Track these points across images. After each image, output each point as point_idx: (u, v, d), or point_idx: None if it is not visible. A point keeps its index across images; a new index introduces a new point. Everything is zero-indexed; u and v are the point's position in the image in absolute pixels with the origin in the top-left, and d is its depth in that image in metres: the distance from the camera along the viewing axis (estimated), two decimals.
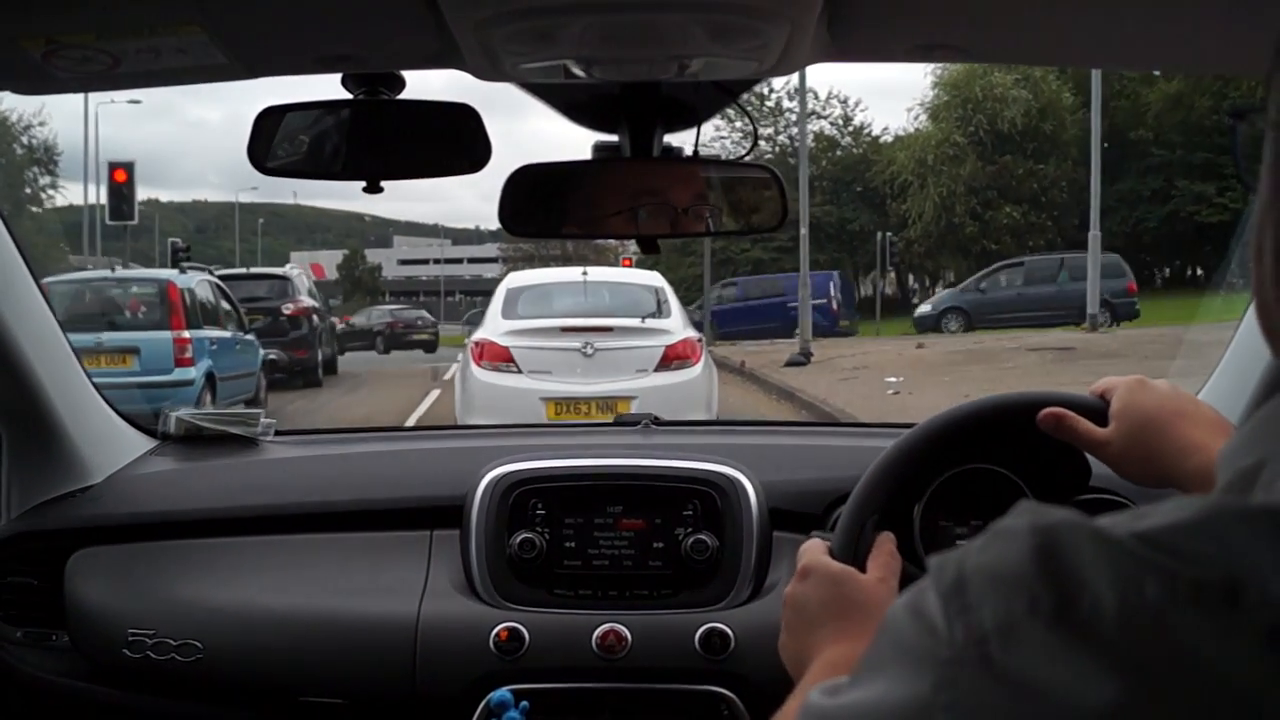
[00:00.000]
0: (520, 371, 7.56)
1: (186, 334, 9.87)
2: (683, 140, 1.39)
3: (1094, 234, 19.21)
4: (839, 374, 14.17)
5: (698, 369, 7.81)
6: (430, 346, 26.12)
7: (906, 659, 0.47)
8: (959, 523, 1.40)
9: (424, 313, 32.68)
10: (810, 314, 18.34)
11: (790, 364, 16.04)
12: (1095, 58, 1.37)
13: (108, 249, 25.22)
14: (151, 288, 10.26)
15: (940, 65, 27.37)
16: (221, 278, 15.75)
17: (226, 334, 11.19)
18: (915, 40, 1.16)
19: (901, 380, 11.98)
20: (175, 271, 11.16)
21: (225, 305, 11.61)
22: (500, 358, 7.61)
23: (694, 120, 1.39)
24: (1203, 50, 1.24)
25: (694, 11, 1.03)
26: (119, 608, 1.54)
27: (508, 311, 8.14)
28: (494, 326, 7.95)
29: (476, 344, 7.83)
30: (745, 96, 1.41)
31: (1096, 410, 1.15)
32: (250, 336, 11.96)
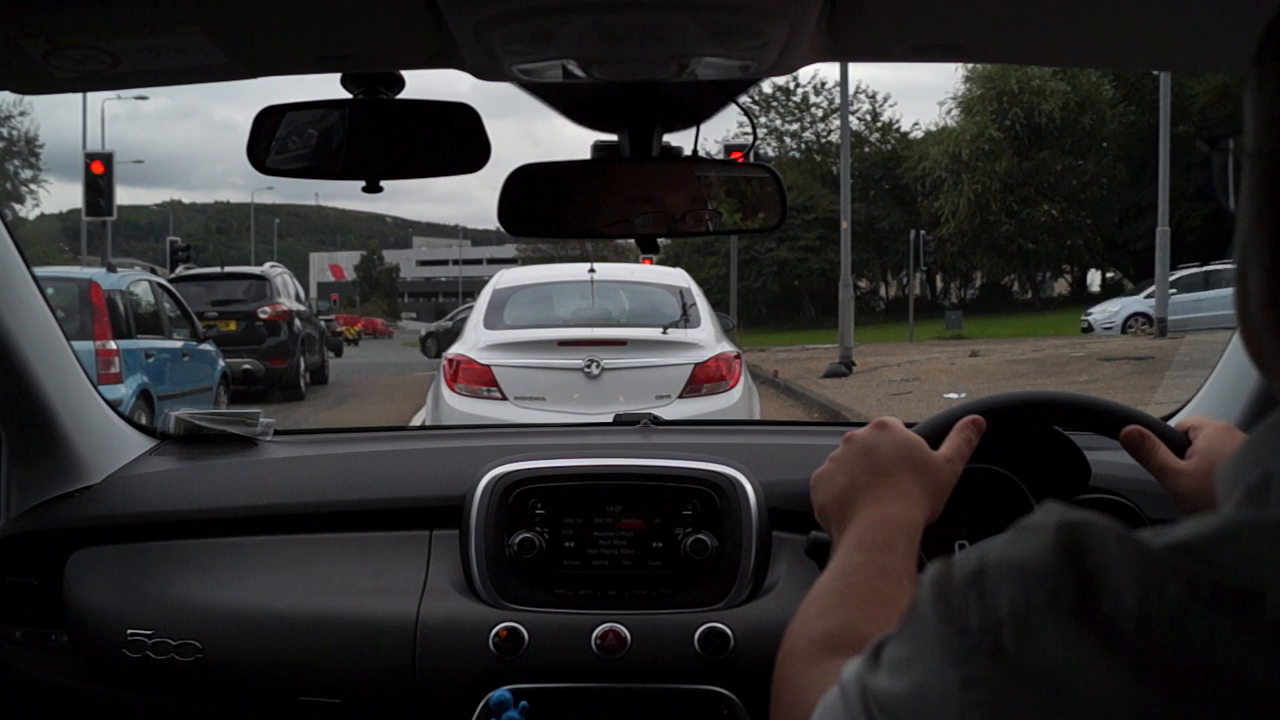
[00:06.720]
0: (504, 398, 5.97)
1: (113, 344, 8.35)
2: (682, 140, 1.39)
3: (1162, 229, 18.11)
4: (888, 387, 13.13)
5: (735, 394, 6.13)
6: None
7: (935, 649, 0.48)
8: (958, 522, 1.41)
9: None
10: (851, 316, 16.63)
11: (830, 374, 14.76)
12: (1095, 57, 1.37)
13: (116, 250, 25.08)
14: (70, 290, 8.40)
15: None
16: (192, 278, 14.32)
17: (173, 343, 9.76)
18: (914, 40, 1.16)
19: (964, 396, 10.78)
20: (102, 271, 9.65)
21: (173, 310, 10.24)
22: (479, 380, 6.03)
23: (693, 120, 1.40)
24: (1204, 50, 1.24)
25: (693, 11, 1.03)
26: (118, 608, 1.54)
27: (492, 319, 6.52)
28: (474, 338, 6.35)
29: (450, 361, 6.20)
30: (765, 92, 1.42)
31: (1176, 441, 1.17)
32: (207, 346, 10.55)
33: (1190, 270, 24.43)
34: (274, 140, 1.31)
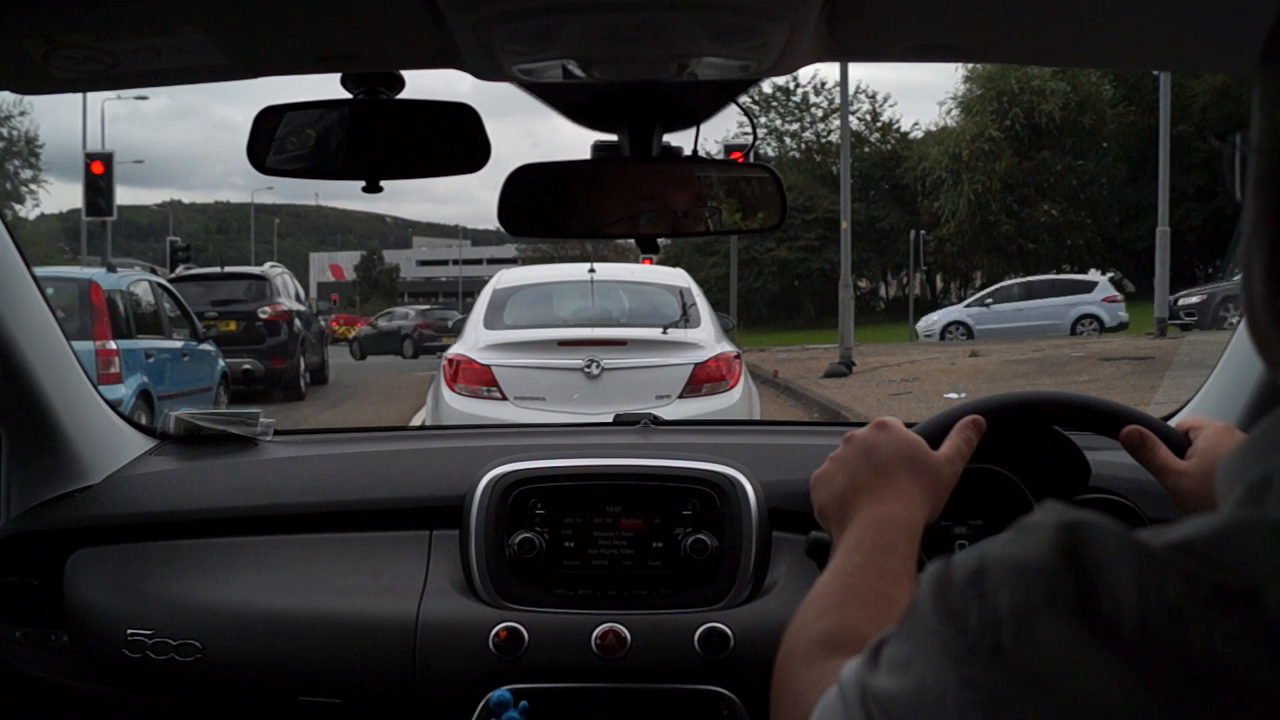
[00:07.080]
0: (504, 398, 5.97)
1: (113, 344, 8.36)
2: (683, 140, 1.39)
3: (1162, 229, 18.45)
4: (888, 387, 13.12)
5: (735, 394, 6.13)
6: None
7: (934, 648, 0.48)
8: (958, 522, 1.41)
9: (456, 314, 32.13)
10: (851, 316, 16.72)
11: (830, 374, 14.70)
12: (1095, 57, 1.37)
13: (116, 250, 25.09)
14: (70, 290, 8.38)
15: None
16: (192, 278, 14.37)
17: (173, 343, 9.79)
18: (914, 40, 1.16)
19: (964, 396, 10.41)
20: (102, 271, 9.67)
21: (173, 310, 10.27)
22: (479, 380, 6.03)
23: (693, 120, 1.40)
24: (1204, 50, 1.24)
25: (693, 11, 1.03)
26: (118, 608, 1.54)
27: (492, 319, 6.53)
28: (474, 338, 6.36)
29: (450, 361, 6.19)
30: (764, 92, 1.42)
31: (1176, 441, 1.17)
32: (207, 346, 10.59)
33: (1013, 281, 25.26)
34: (274, 140, 1.31)
